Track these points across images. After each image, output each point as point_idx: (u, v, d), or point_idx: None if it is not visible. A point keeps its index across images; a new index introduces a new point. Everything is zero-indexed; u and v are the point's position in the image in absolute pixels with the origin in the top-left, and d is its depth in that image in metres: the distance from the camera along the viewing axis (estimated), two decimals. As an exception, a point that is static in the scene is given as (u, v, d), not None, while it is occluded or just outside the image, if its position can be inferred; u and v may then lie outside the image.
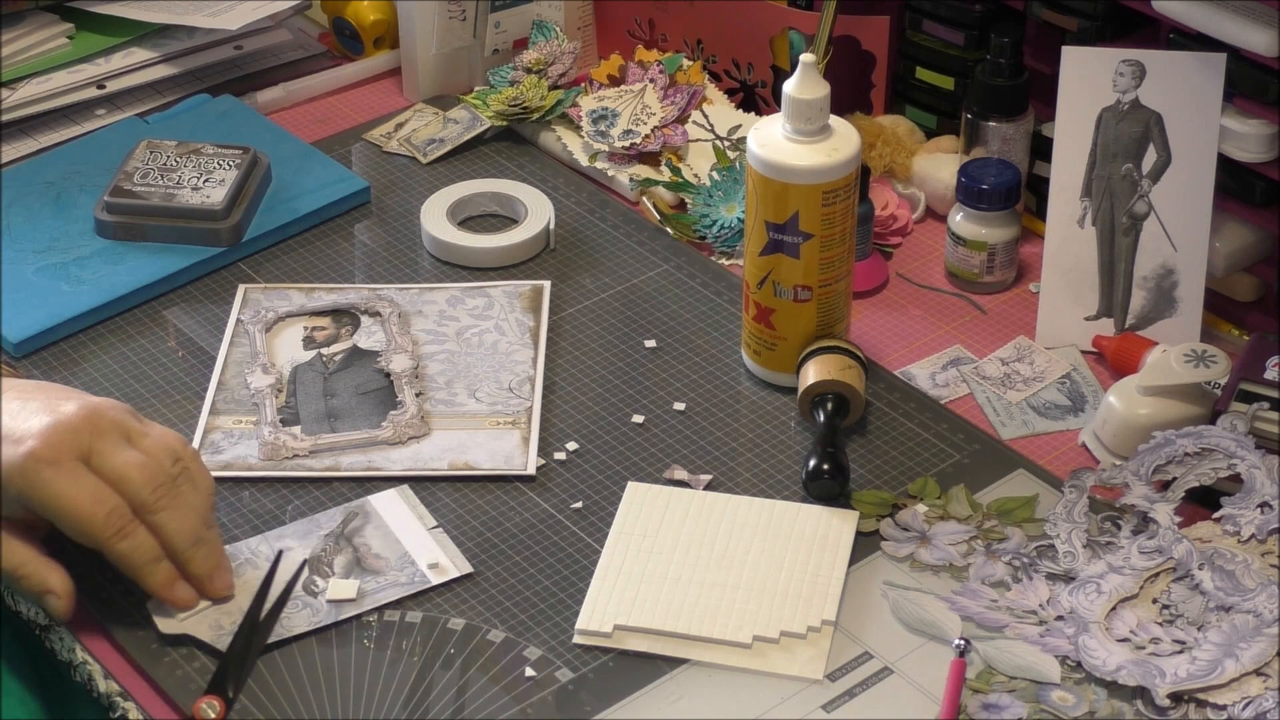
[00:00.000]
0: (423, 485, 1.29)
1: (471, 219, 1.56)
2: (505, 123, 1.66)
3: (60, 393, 1.20)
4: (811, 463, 1.27)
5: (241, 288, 1.48)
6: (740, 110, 1.66)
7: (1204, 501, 1.24)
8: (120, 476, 1.15)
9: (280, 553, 1.22)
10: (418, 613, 1.20)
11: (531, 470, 1.30)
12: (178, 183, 1.52)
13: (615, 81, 1.66)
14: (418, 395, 1.36)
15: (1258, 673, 1.13)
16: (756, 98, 1.67)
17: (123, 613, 1.19)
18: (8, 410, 1.16)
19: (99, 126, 1.65)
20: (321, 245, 1.53)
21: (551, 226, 1.52)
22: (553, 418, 1.35)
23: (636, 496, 1.28)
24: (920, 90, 1.61)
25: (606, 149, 1.61)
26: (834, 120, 1.32)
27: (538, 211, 1.53)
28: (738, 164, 1.56)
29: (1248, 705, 1.11)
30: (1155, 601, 1.19)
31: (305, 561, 1.21)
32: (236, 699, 1.13)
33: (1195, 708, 1.12)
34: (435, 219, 1.53)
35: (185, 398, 1.37)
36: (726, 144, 1.61)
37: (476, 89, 1.71)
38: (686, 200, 1.57)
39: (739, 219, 1.52)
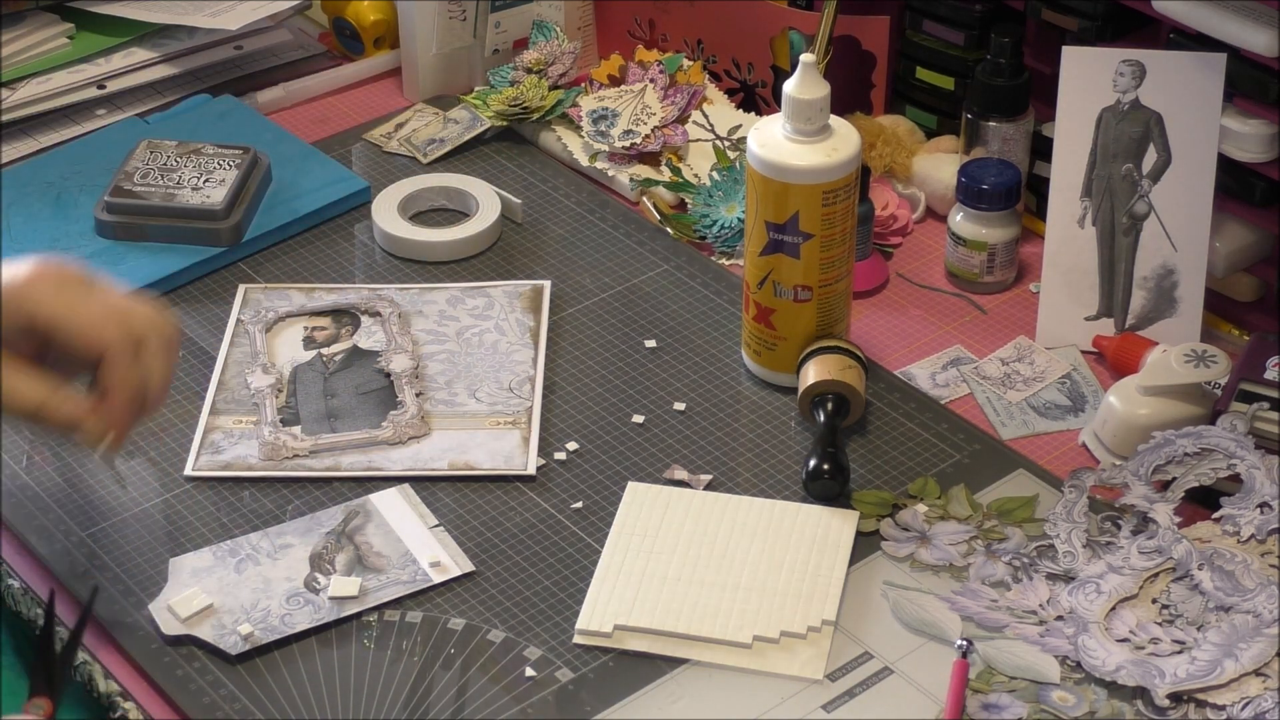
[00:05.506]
0: (423, 485, 1.29)
1: (422, 214, 1.56)
2: (505, 123, 1.66)
3: None
4: (811, 463, 1.27)
5: (241, 288, 1.48)
6: (740, 110, 1.66)
7: (1204, 501, 1.24)
8: (125, 302, 1.16)
9: (96, 590, 1.20)
10: (418, 613, 1.20)
11: (531, 470, 1.30)
12: (178, 183, 1.52)
13: (615, 81, 1.66)
14: (418, 395, 1.36)
15: (1257, 673, 1.13)
16: (756, 98, 1.67)
17: (123, 613, 1.19)
18: None
19: (99, 126, 1.65)
20: (321, 245, 1.53)
21: (506, 210, 1.54)
22: (553, 418, 1.35)
23: (636, 496, 1.28)
24: (920, 90, 1.61)
25: (606, 149, 1.61)
26: (834, 120, 1.32)
27: (488, 205, 1.53)
28: (738, 164, 1.56)
29: (1247, 705, 1.11)
30: (1155, 601, 1.19)
31: (95, 590, 1.19)
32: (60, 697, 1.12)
33: (1195, 708, 1.12)
34: (386, 214, 1.53)
35: (185, 398, 1.37)
36: (726, 144, 1.61)
37: (476, 89, 1.71)
38: (686, 200, 1.57)
39: (739, 219, 1.52)
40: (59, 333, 1.14)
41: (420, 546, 1.24)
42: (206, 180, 1.52)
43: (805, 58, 1.29)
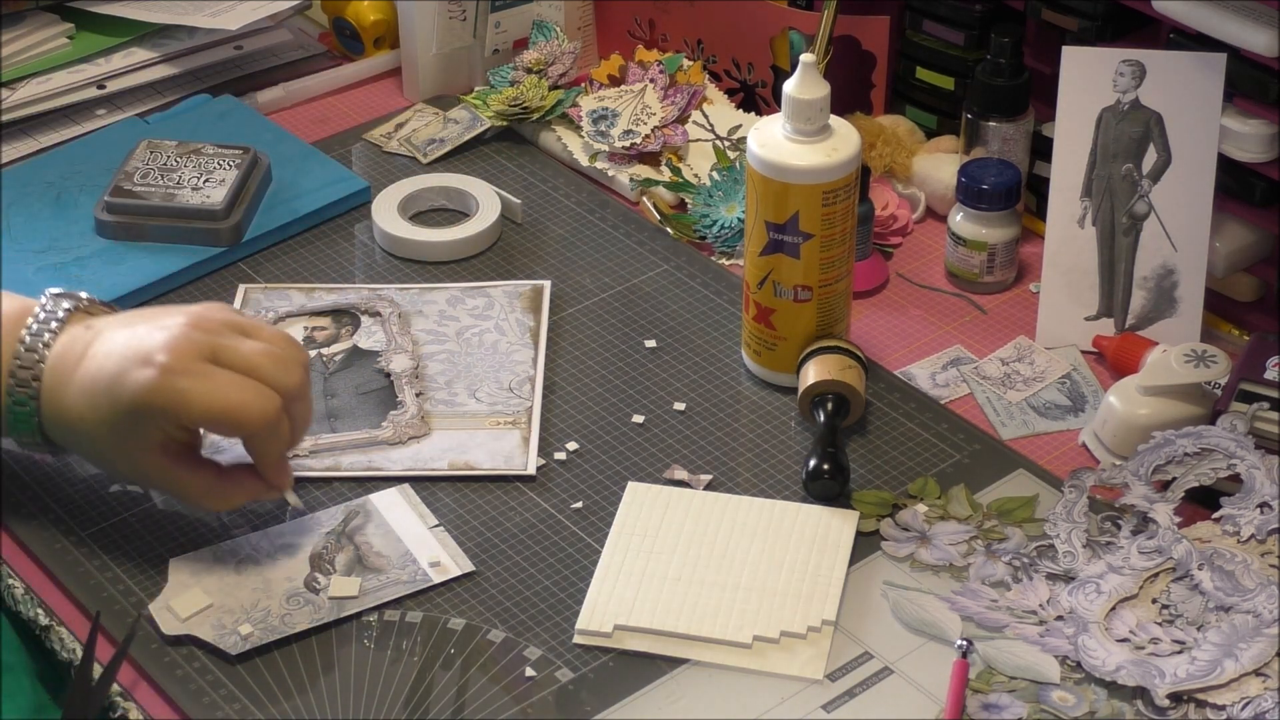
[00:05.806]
0: (423, 485, 1.29)
1: (422, 214, 1.56)
2: (505, 123, 1.66)
3: (161, 311, 1.22)
4: (811, 463, 1.27)
5: (242, 288, 1.48)
6: (740, 110, 1.66)
7: (1204, 501, 1.24)
8: (252, 366, 1.18)
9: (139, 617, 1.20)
10: (418, 612, 1.20)
11: (531, 470, 1.30)
12: (178, 183, 1.52)
13: (615, 81, 1.66)
14: (418, 395, 1.36)
15: (1257, 673, 1.13)
16: (756, 98, 1.68)
17: (123, 613, 1.19)
18: (117, 341, 1.19)
19: (99, 126, 1.65)
20: (321, 245, 1.53)
21: (506, 211, 1.54)
22: (553, 418, 1.35)
23: (636, 496, 1.28)
24: (920, 90, 1.61)
25: (606, 149, 1.61)
26: (834, 120, 1.32)
27: (488, 205, 1.53)
28: (738, 164, 1.56)
29: (1247, 705, 1.11)
30: (1155, 601, 1.19)
31: (136, 622, 1.19)
32: None
33: (1195, 708, 1.12)
34: (386, 214, 1.53)
35: (185, 398, 1.37)
36: (726, 144, 1.61)
37: (476, 89, 1.71)
38: (686, 200, 1.57)
39: (739, 219, 1.52)
40: (199, 424, 1.19)
41: (420, 546, 1.24)
42: (206, 180, 1.52)
43: (805, 58, 1.29)
